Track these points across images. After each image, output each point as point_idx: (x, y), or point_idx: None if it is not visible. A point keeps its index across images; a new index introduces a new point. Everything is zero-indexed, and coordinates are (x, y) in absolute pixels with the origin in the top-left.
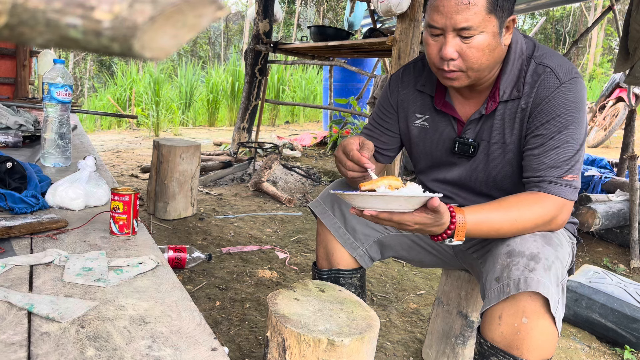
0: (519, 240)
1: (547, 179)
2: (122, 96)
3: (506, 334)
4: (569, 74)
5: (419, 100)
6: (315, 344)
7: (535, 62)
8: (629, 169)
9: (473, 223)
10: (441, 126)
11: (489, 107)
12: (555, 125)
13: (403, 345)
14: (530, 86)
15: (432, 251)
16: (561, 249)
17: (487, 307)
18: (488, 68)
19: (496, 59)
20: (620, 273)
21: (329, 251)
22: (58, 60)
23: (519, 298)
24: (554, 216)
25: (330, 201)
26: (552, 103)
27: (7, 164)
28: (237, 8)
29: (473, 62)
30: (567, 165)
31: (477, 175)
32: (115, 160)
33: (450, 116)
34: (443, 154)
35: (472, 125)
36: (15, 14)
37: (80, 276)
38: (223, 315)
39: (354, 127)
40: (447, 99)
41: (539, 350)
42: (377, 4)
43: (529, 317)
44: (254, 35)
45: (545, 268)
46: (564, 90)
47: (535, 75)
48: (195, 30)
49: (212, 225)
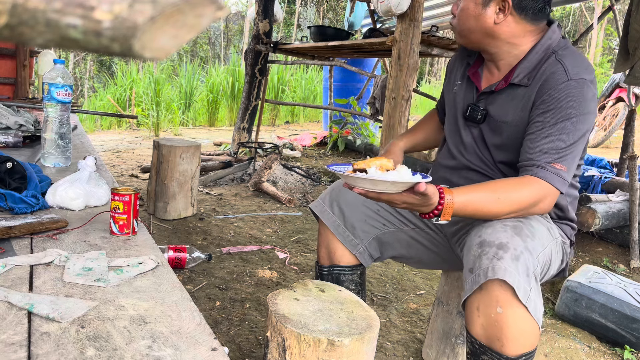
0: (490, 230)
1: (536, 162)
2: (122, 96)
3: (486, 326)
4: (579, 75)
5: (462, 69)
6: (315, 344)
7: (555, 57)
8: (628, 169)
9: (460, 203)
10: (466, 92)
11: (499, 85)
12: (555, 115)
13: (403, 345)
14: (540, 77)
15: (431, 247)
16: (531, 241)
17: (464, 299)
18: (471, 34)
19: (481, 29)
20: (620, 273)
21: (330, 250)
22: (58, 60)
23: (491, 288)
24: (538, 200)
25: (330, 200)
26: (555, 95)
27: (7, 164)
28: (237, 8)
29: (459, 23)
30: (558, 154)
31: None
32: (115, 160)
33: (474, 85)
34: (460, 118)
35: (484, 97)
36: (15, 14)
37: (81, 276)
38: (223, 315)
39: (354, 127)
40: (479, 70)
41: (518, 340)
42: (377, 4)
43: (503, 307)
44: (254, 35)
45: (513, 258)
46: (569, 85)
47: (549, 69)
48: (195, 30)
49: (212, 225)
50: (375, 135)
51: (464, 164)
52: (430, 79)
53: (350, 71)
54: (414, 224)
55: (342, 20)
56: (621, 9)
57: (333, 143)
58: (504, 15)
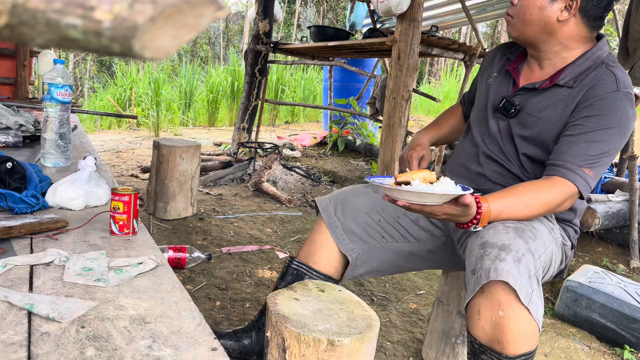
0: (492, 232)
1: (567, 164)
2: (122, 96)
3: (486, 329)
4: (627, 87)
5: (501, 62)
6: (315, 343)
7: (606, 67)
8: (628, 169)
9: (495, 210)
10: (501, 84)
11: (544, 84)
12: (597, 122)
13: (403, 345)
14: (588, 82)
15: (431, 257)
16: (533, 242)
17: (467, 301)
18: (529, 26)
19: (542, 22)
20: (620, 273)
21: (316, 248)
22: (58, 61)
23: (493, 291)
24: (564, 201)
25: (335, 201)
26: (603, 102)
27: (7, 164)
28: (237, 8)
29: (520, 12)
30: (590, 160)
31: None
32: (115, 160)
33: (512, 79)
34: (490, 108)
35: (522, 92)
36: (15, 14)
37: (81, 276)
38: (223, 315)
39: (354, 127)
40: (520, 66)
41: (519, 342)
42: (377, 4)
43: (505, 310)
44: (254, 36)
45: (516, 260)
46: (618, 96)
47: (598, 76)
48: (195, 30)
49: (212, 225)
50: (375, 135)
51: (485, 152)
52: (430, 79)
53: (350, 71)
54: (414, 237)
55: (342, 20)
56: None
57: (333, 143)
58: (569, 13)
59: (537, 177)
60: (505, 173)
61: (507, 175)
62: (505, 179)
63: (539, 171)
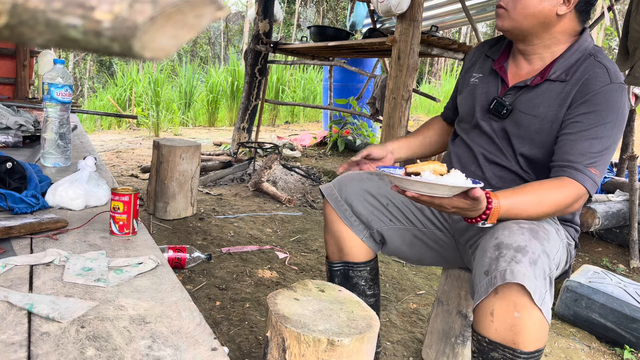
0: (507, 232)
1: (574, 165)
2: (122, 96)
3: (500, 331)
4: (619, 79)
5: (483, 63)
6: (315, 344)
7: (595, 59)
8: (628, 169)
9: (505, 207)
10: (489, 85)
11: (536, 80)
12: (596, 118)
13: (403, 345)
14: (580, 75)
15: (434, 247)
16: (547, 243)
17: (478, 302)
18: (527, 18)
19: (541, 14)
20: (620, 273)
21: (338, 239)
22: (58, 61)
23: (508, 293)
24: (573, 202)
25: (339, 187)
26: (598, 97)
27: (7, 164)
28: (237, 8)
29: (520, 3)
30: (594, 158)
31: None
32: (115, 160)
33: (500, 78)
34: (479, 110)
35: (513, 92)
36: (15, 14)
37: (80, 276)
38: (223, 315)
39: (353, 127)
40: (505, 65)
41: (533, 341)
42: (377, 4)
43: (521, 312)
44: (254, 36)
45: (532, 262)
46: (612, 89)
47: (589, 68)
48: (195, 30)
49: (212, 225)
50: (374, 136)
51: (483, 154)
52: (430, 78)
53: (350, 71)
54: (421, 223)
55: (342, 20)
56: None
57: (333, 143)
58: (567, 7)
59: (538, 177)
60: (506, 174)
61: (508, 177)
62: (505, 182)
63: (539, 171)
